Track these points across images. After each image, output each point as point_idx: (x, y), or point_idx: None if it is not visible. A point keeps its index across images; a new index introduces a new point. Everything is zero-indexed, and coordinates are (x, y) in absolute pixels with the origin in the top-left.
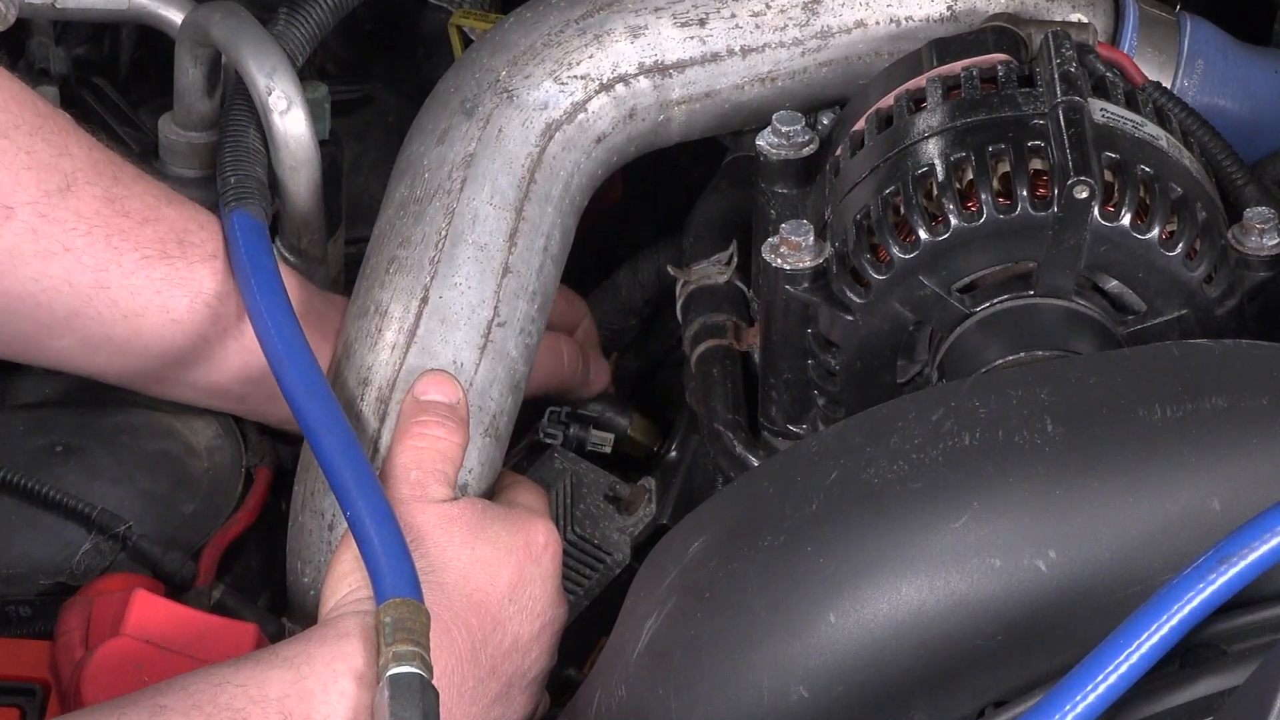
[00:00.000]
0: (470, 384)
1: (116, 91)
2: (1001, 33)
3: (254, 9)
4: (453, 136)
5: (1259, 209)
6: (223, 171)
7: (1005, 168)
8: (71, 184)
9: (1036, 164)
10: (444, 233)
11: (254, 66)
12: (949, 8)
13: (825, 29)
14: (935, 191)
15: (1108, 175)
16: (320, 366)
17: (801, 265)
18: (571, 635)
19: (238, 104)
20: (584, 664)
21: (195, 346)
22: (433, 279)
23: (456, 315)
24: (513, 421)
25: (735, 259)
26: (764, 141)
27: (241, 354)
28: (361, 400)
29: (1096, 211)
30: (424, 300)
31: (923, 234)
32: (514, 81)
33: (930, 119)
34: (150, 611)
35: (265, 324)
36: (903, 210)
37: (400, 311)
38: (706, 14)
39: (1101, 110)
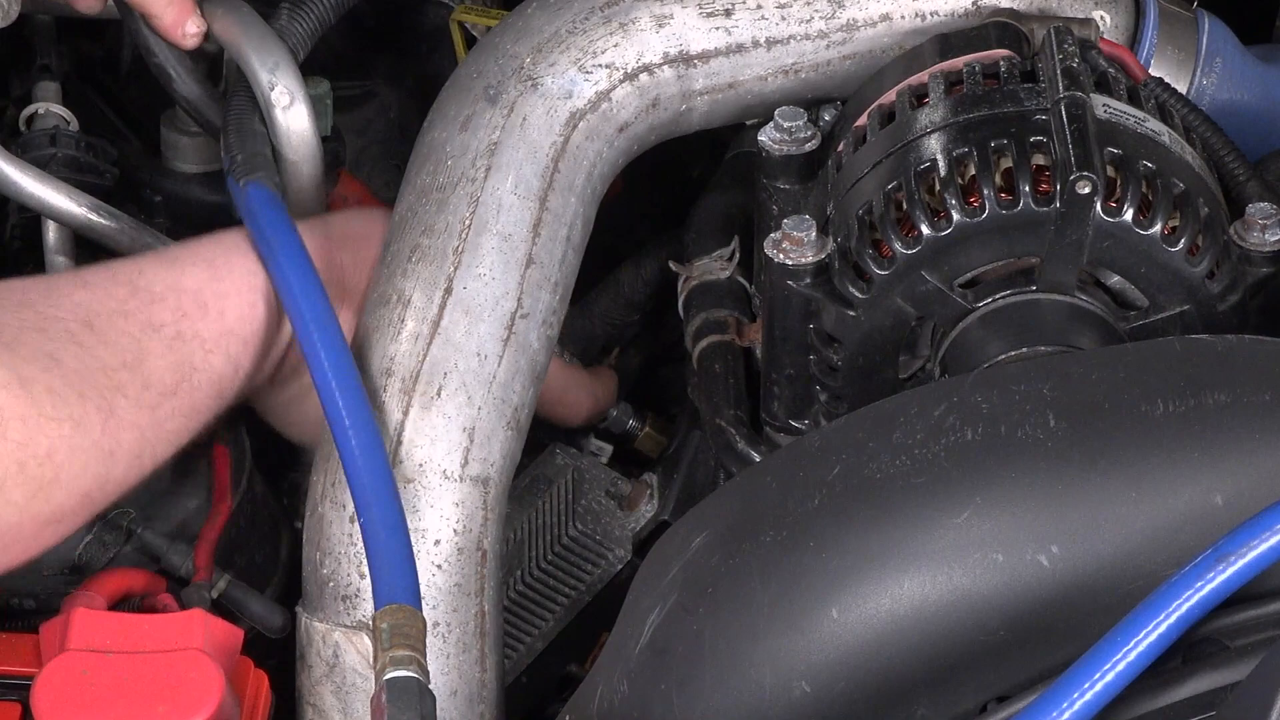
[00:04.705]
0: (494, 376)
1: (117, 88)
2: (1004, 28)
3: (256, 5)
4: (476, 124)
5: (1261, 204)
6: (229, 150)
7: (1007, 163)
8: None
9: (1039, 159)
10: (468, 222)
11: (256, 62)
12: (974, 2)
13: (851, 22)
14: (938, 187)
15: (1110, 171)
16: (350, 355)
17: (804, 260)
18: (573, 631)
19: (239, 95)
20: (586, 660)
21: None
22: (456, 269)
23: (480, 306)
24: (532, 413)
25: (737, 254)
26: (766, 137)
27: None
28: (385, 391)
29: (1099, 207)
30: (448, 290)
31: (925, 229)
32: (538, 69)
33: (932, 114)
34: (91, 624)
35: (296, 303)
36: (905, 205)
37: (423, 301)
38: (732, 5)
39: (1104, 106)
